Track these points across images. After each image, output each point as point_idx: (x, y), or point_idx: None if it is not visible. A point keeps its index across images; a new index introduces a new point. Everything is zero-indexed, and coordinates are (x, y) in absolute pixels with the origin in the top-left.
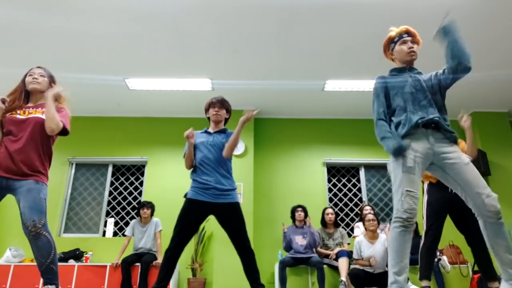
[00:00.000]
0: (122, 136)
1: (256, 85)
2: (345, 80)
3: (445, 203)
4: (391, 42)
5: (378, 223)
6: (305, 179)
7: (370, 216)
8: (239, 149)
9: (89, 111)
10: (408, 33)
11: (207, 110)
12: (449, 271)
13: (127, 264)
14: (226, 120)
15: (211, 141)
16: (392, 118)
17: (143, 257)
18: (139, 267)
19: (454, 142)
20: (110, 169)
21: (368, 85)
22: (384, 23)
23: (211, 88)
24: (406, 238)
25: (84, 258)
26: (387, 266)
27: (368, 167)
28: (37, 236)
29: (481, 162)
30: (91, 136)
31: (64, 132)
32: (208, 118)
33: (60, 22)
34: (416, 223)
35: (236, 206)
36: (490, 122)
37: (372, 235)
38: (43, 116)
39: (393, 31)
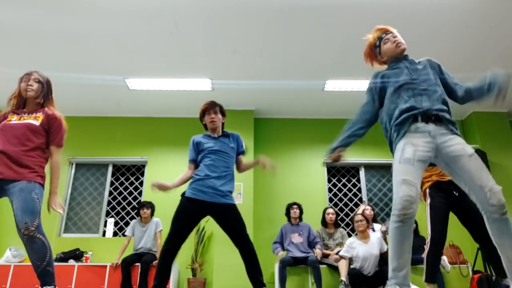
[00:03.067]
0: (122, 136)
1: (256, 85)
2: (345, 80)
3: (448, 205)
4: (374, 48)
5: (368, 222)
6: (305, 179)
7: (359, 217)
8: None
9: (89, 111)
10: (385, 32)
11: (202, 118)
12: (449, 271)
13: (127, 264)
14: (223, 124)
15: (219, 147)
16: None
17: (143, 257)
18: (139, 267)
19: (458, 133)
20: (110, 169)
21: (368, 85)
22: (384, 23)
23: (211, 88)
24: (403, 233)
25: (84, 258)
26: (379, 265)
27: (368, 167)
28: (31, 239)
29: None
30: (91, 136)
31: None
32: (205, 125)
33: (60, 23)
34: (416, 223)
35: (234, 208)
36: (490, 122)
37: (362, 235)
38: (35, 122)
39: (370, 38)
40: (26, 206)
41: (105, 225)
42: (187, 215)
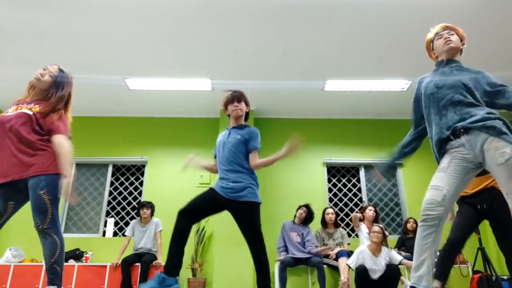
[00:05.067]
0: (122, 136)
1: (256, 85)
2: (345, 80)
3: (473, 213)
4: (430, 43)
5: (385, 236)
6: (305, 179)
7: (377, 228)
8: None
9: (89, 111)
10: (445, 29)
11: (226, 107)
12: None
13: (127, 264)
14: (247, 114)
15: (226, 140)
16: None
17: (143, 257)
18: (139, 267)
19: (495, 135)
20: (110, 169)
21: (368, 85)
22: (384, 23)
23: (211, 88)
24: (422, 233)
25: (84, 258)
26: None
27: (368, 167)
28: (43, 236)
29: None
30: (91, 136)
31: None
32: (228, 115)
33: (60, 22)
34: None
35: (244, 207)
36: None
37: (375, 248)
38: (28, 111)
39: (431, 32)
40: (34, 206)
41: (105, 225)
42: (207, 194)
